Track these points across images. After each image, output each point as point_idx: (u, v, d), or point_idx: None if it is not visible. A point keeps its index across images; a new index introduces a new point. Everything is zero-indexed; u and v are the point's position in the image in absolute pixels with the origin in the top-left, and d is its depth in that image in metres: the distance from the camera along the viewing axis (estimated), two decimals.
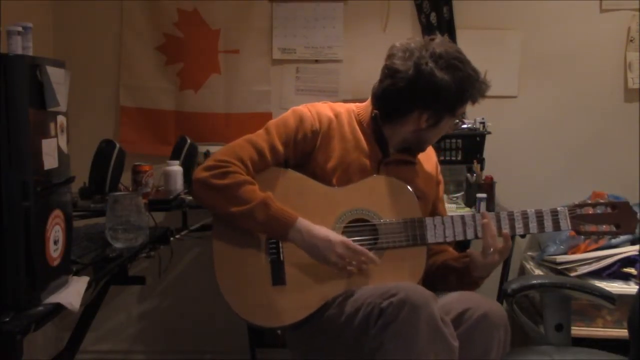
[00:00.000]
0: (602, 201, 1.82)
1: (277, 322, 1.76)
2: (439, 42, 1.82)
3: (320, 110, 1.86)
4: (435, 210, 1.97)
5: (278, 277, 1.76)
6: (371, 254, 1.73)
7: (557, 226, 1.78)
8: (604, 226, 1.79)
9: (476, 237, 1.80)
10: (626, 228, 1.80)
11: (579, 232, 1.81)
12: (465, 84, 1.78)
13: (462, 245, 2.92)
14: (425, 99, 1.79)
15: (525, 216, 1.78)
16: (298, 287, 1.75)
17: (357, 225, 1.81)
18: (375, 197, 1.81)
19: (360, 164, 1.83)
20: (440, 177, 2.04)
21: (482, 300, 1.66)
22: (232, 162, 1.75)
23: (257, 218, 1.71)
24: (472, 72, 1.80)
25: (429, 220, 1.80)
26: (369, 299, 1.61)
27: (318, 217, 1.76)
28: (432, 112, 1.81)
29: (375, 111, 1.85)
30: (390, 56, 1.84)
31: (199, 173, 1.76)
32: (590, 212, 1.80)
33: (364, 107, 1.91)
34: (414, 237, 1.78)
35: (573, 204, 1.81)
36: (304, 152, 1.83)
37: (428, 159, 1.99)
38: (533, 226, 1.78)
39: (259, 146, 1.78)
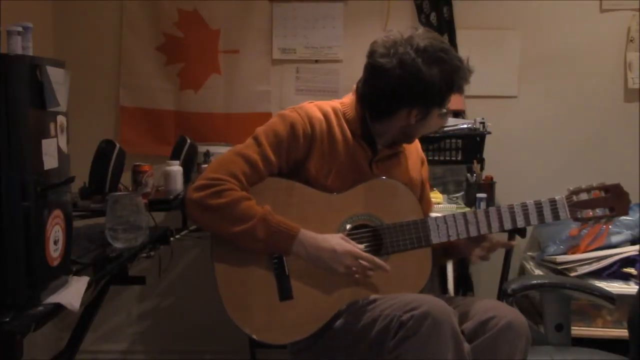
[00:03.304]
0: (595, 185, 1.81)
1: (289, 338, 1.72)
2: (422, 34, 1.75)
3: (310, 112, 1.78)
4: (422, 192, 1.94)
5: (285, 292, 1.71)
6: (380, 260, 1.70)
7: (556, 215, 1.78)
8: (599, 210, 1.79)
9: (479, 233, 1.78)
10: (620, 210, 1.80)
11: (576, 219, 1.80)
12: (453, 76, 1.73)
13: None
14: (414, 96, 1.73)
15: (525, 208, 1.78)
16: (306, 299, 1.71)
17: (360, 232, 1.77)
18: (375, 201, 1.78)
19: (353, 164, 1.80)
20: (424, 156, 2.00)
21: (505, 309, 1.66)
22: (225, 179, 1.67)
23: (258, 235, 1.65)
24: (458, 61, 1.74)
25: (431, 221, 1.77)
26: (387, 310, 1.58)
27: (319, 226, 1.71)
28: (421, 107, 1.76)
29: (364, 111, 1.81)
30: (372, 53, 1.77)
31: (192, 194, 1.67)
32: (585, 198, 1.79)
33: (349, 105, 1.84)
34: (418, 239, 1.76)
35: (569, 191, 1.80)
36: (297, 159, 1.76)
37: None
38: (533, 218, 1.77)
39: (251, 158, 1.70)
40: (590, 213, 1.79)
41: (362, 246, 1.72)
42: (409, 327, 1.50)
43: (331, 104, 1.85)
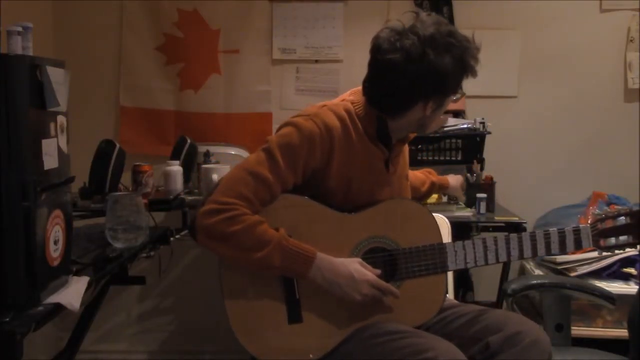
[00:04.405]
0: (622, 210, 1.71)
1: None
2: (425, 19, 1.65)
3: (327, 121, 1.65)
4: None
5: (294, 315, 1.65)
6: (395, 289, 1.66)
7: (579, 245, 1.71)
8: (622, 238, 1.70)
9: (497, 261, 1.73)
10: None
11: (598, 247, 1.72)
12: (465, 59, 1.64)
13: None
14: (429, 89, 1.65)
15: (547, 237, 1.71)
16: (315, 323, 1.66)
17: (375, 256, 1.71)
18: (392, 222, 1.71)
19: (370, 168, 1.73)
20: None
21: (531, 325, 1.65)
22: (236, 204, 1.57)
23: (274, 262, 1.58)
24: (466, 42, 1.65)
25: (449, 246, 1.71)
26: (399, 351, 1.54)
27: (332, 248, 1.64)
28: (437, 97, 1.68)
29: (376, 111, 1.72)
30: (377, 49, 1.66)
31: (203, 220, 1.57)
32: (610, 225, 1.70)
33: (361, 105, 1.73)
34: (434, 266, 1.71)
35: (595, 218, 1.72)
36: (315, 169, 1.66)
37: None
38: (555, 247, 1.71)
39: (263, 176, 1.60)
40: (613, 241, 1.70)
41: (378, 271, 1.66)
42: None
43: (344, 106, 1.73)
